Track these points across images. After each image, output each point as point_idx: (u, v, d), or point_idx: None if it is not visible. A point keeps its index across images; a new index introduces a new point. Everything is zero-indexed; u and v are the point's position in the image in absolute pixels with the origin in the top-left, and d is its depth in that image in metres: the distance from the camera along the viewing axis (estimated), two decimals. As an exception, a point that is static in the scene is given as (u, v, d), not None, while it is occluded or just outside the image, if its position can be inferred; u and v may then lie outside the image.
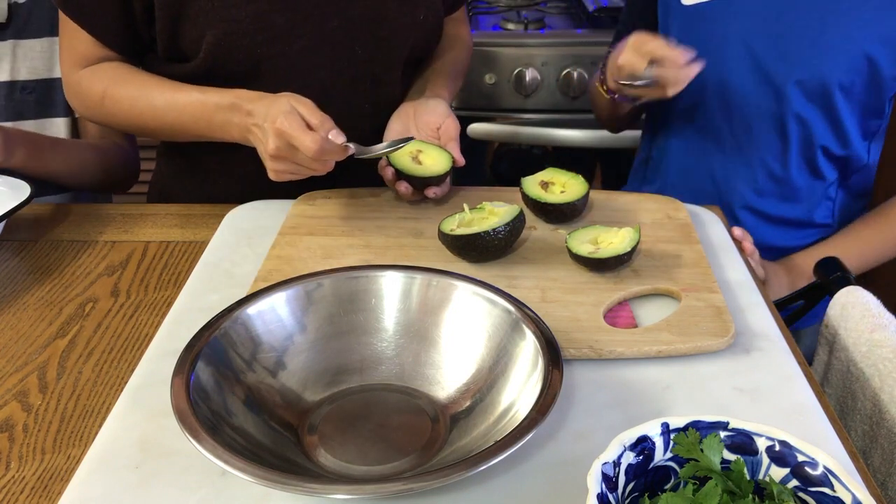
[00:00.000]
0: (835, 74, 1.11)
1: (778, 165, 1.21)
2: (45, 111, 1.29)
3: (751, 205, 1.23)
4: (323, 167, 0.91)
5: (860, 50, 1.10)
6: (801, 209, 1.24)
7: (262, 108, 0.92)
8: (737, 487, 0.54)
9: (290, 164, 0.91)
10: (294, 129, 0.87)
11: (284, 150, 0.89)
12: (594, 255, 0.87)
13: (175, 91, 1.03)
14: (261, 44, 1.03)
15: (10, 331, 0.86)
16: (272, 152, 0.90)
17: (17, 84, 1.27)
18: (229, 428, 0.63)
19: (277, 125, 0.88)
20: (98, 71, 1.07)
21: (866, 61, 1.10)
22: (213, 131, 1.01)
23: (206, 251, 0.97)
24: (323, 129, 0.89)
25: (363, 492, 0.56)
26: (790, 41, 1.13)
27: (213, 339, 0.68)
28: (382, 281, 0.78)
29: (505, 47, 1.82)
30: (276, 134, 0.88)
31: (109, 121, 1.11)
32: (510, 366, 0.69)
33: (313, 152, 0.87)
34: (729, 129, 1.22)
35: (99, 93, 1.07)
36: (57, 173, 1.23)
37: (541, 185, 1.01)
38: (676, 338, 0.78)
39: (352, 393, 0.73)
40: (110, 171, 1.33)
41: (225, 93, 0.99)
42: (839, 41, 1.11)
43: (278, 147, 0.89)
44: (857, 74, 1.11)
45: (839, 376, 0.96)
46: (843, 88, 1.12)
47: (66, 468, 0.68)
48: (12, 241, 1.05)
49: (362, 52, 1.09)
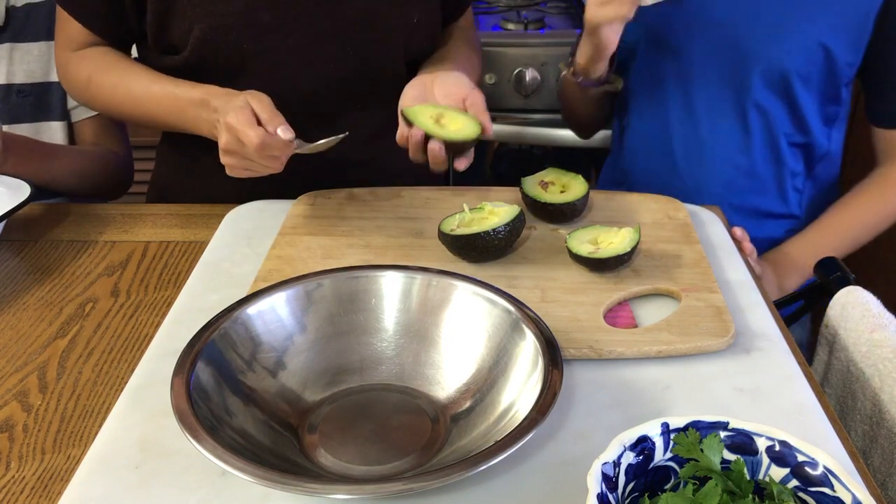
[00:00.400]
0: (793, 63, 1.14)
1: (743, 158, 1.22)
2: (41, 115, 1.29)
3: (719, 197, 1.23)
4: (272, 163, 0.91)
5: (815, 39, 1.12)
6: (770, 200, 1.24)
7: (222, 104, 0.93)
8: (737, 487, 0.54)
9: (239, 159, 0.91)
10: (241, 123, 0.88)
11: (233, 145, 0.89)
12: (594, 255, 0.87)
13: (152, 82, 1.04)
14: (248, 40, 1.03)
15: (10, 331, 0.86)
16: (222, 146, 0.91)
17: (13, 87, 1.27)
18: (229, 428, 0.63)
19: (227, 119, 0.89)
20: (85, 57, 1.09)
21: (822, 50, 1.13)
22: (187, 125, 1.02)
23: (206, 251, 0.97)
24: (271, 125, 0.89)
25: (363, 492, 0.56)
26: (749, 33, 1.15)
27: (213, 339, 0.68)
28: (382, 281, 0.78)
29: (505, 47, 1.82)
30: (226, 128, 0.89)
31: (94, 105, 1.14)
32: (510, 366, 0.69)
33: (255, 146, 0.87)
34: (691, 124, 1.23)
35: (84, 78, 1.09)
36: (49, 180, 1.23)
37: (541, 186, 1.01)
38: (676, 338, 0.78)
39: (352, 393, 0.73)
40: (103, 177, 1.32)
41: (197, 88, 0.99)
42: (795, 31, 1.13)
43: (227, 141, 0.90)
44: (813, 63, 1.13)
45: (839, 376, 0.96)
46: (802, 77, 1.14)
47: (66, 468, 0.68)
48: (12, 241, 1.05)
49: (354, 52, 1.09)
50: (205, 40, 1.02)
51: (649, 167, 1.31)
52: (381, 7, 1.09)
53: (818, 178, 1.28)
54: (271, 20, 1.03)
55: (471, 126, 0.93)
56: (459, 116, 0.95)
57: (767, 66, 1.15)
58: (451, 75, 1.02)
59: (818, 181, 1.28)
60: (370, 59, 1.11)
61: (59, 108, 1.30)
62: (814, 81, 1.15)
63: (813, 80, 1.15)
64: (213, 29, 1.02)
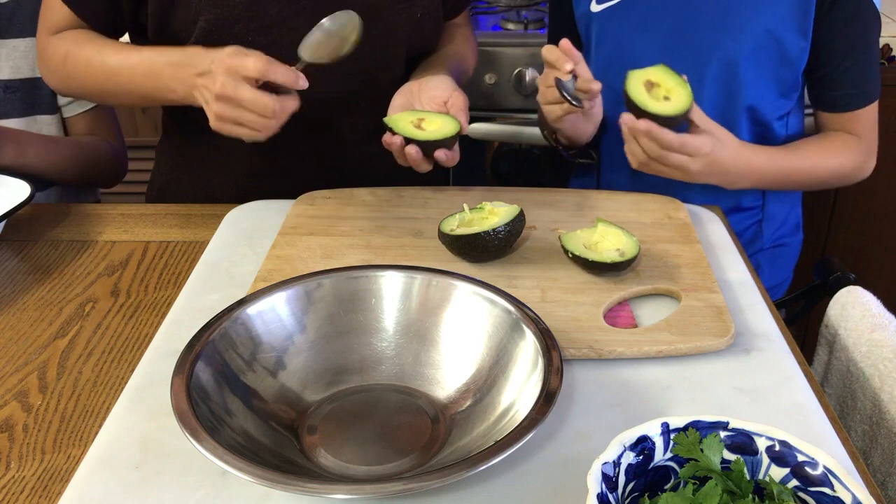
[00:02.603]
0: (740, 54, 1.13)
1: None
2: (30, 110, 1.29)
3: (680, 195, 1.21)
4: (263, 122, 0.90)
5: (762, 28, 1.12)
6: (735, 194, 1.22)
7: (206, 57, 0.92)
8: (737, 487, 0.54)
9: (233, 108, 0.90)
10: (240, 57, 0.87)
11: (231, 88, 0.88)
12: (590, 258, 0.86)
13: (129, 51, 1.03)
14: (253, 32, 1.03)
15: (10, 331, 0.86)
16: (218, 90, 0.89)
17: (0, 83, 1.27)
18: (229, 428, 0.63)
19: (225, 59, 0.88)
20: (64, 36, 1.08)
21: (771, 37, 1.12)
22: (160, 90, 1.00)
23: (206, 251, 0.97)
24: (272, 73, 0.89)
25: (363, 492, 0.56)
26: (695, 28, 1.15)
27: (213, 339, 0.68)
28: (382, 281, 0.78)
29: (505, 47, 1.82)
30: (225, 70, 0.88)
31: (71, 83, 1.10)
32: (510, 366, 0.69)
33: (259, 70, 0.87)
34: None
35: (62, 53, 1.07)
36: (43, 169, 1.24)
37: (646, 86, 0.96)
38: (676, 338, 0.78)
39: (352, 393, 0.73)
40: (99, 166, 1.34)
41: (177, 50, 0.98)
42: (741, 21, 1.13)
43: (224, 84, 0.88)
44: (763, 50, 1.13)
45: (839, 376, 0.96)
46: (749, 67, 1.14)
47: (66, 468, 0.68)
48: (12, 241, 1.05)
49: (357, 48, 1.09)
50: (210, 31, 1.02)
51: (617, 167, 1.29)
52: (385, 2, 1.09)
53: None
54: (277, 13, 1.03)
55: (449, 125, 0.96)
56: (438, 118, 0.98)
57: (714, 58, 1.14)
58: (435, 80, 1.04)
59: None
60: (371, 54, 1.11)
61: (49, 103, 1.31)
62: (765, 70, 1.15)
63: (764, 68, 1.14)
64: (219, 20, 1.01)
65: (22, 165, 1.20)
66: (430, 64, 1.16)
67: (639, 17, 1.18)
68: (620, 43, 1.19)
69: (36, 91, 1.30)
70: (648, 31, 1.18)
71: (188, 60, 0.95)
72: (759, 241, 1.28)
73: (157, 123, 2.06)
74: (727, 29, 1.13)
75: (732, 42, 1.13)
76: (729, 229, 1.03)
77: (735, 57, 1.13)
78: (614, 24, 1.20)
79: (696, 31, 1.15)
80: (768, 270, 1.29)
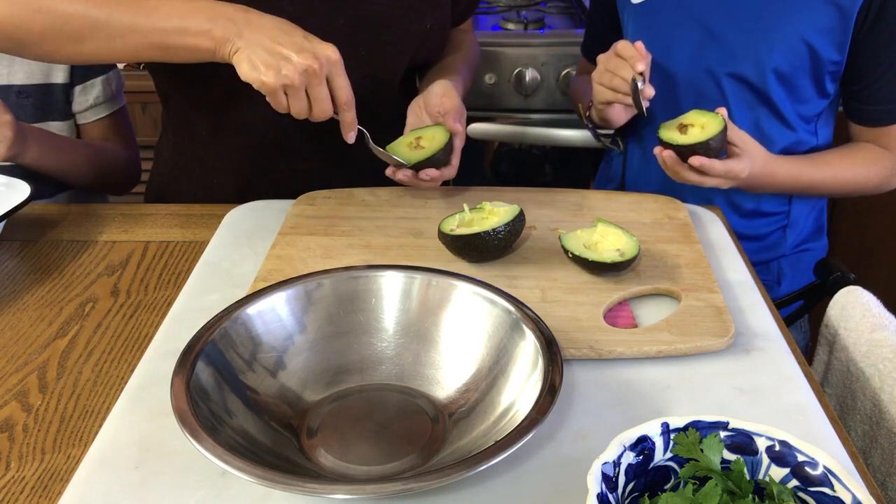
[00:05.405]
0: (772, 61, 1.13)
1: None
2: (43, 115, 1.29)
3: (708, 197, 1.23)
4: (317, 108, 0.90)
5: (798, 36, 1.12)
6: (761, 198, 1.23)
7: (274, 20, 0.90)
8: (737, 487, 0.54)
9: (297, 74, 0.86)
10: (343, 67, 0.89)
11: (321, 74, 0.88)
12: (592, 258, 0.86)
13: None
14: None
15: (10, 331, 0.86)
16: (292, 48, 0.86)
17: (12, 88, 1.27)
18: (229, 428, 0.63)
19: (333, 55, 0.88)
20: None
21: (806, 48, 1.12)
22: (187, 36, 0.88)
23: (206, 251, 0.97)
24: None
25: (363, 492, 0.56)
26: (729, 30, 1.15)
27: (213, 339, 0.68)
28: (382, 281, 0.78)
29: (505, 47, 1.82)
30: (330, 60, 0.88)
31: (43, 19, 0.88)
32: (510, 366, 0.69)
33: (333, 61, 0.88)
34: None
35: None
36: (65, 171, 1.25)
37: (679, 129, 1.01)
38: (676, 338, 0.78)
39: (352, 393, 0.73)
40: (111, 171, 1.34)
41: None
42: (776, 29, 1.13)
43: (300, 45, 0.87)
44: (796, 58, 1.13)
45: (839, 376, 0.96)
46: (780, 74, 1.14)
47: (66, 468, 0.68)
48: (12, 241, 1.05)
49: (365, 53, 1.09)
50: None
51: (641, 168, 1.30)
52: (395, 11, 1.09)
53: None
54: (291, 12, 1.03)
55: (438, 137, 1.00)
56: (429, 132, 1.02)
57: (746, 64, 1.15)
58: (432, 90, 1.06)
59: None
60: (380, 61, 1.11)
61: (62, 109, 1.31)
62: (796, 78, 1.15)
63: (795, 77, 1.15)
64: None
65: (42, 166, 1.20)
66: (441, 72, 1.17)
67: (675, 13, 1.19)
68: (656, 37, 1.20)
69: (49, 97, 1.30)
70: (683, 27, 1.18)
71: (243, 9, 0.91)
72: (781, 245, 1.27)
73: (156, 123, 2.06)
74: (762, 34, 1.13)
75: (766, 48, 1.13)
76: (729, 229, 1.04)
77: (767, 63, 1.13)
78: (651, 18, 1.21)
79: (730, 33, 1.15)
80: (790, 275, 1.28)
